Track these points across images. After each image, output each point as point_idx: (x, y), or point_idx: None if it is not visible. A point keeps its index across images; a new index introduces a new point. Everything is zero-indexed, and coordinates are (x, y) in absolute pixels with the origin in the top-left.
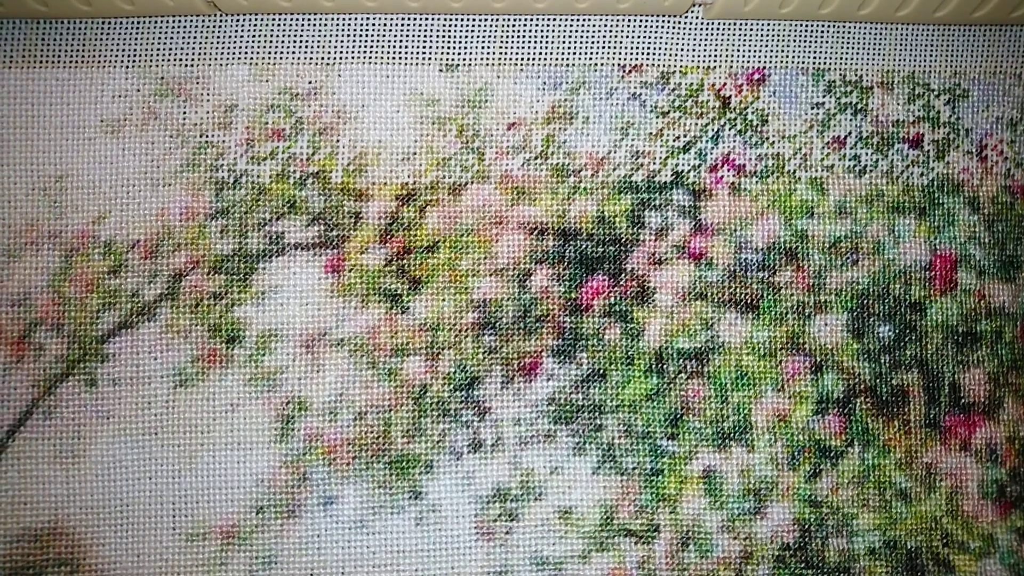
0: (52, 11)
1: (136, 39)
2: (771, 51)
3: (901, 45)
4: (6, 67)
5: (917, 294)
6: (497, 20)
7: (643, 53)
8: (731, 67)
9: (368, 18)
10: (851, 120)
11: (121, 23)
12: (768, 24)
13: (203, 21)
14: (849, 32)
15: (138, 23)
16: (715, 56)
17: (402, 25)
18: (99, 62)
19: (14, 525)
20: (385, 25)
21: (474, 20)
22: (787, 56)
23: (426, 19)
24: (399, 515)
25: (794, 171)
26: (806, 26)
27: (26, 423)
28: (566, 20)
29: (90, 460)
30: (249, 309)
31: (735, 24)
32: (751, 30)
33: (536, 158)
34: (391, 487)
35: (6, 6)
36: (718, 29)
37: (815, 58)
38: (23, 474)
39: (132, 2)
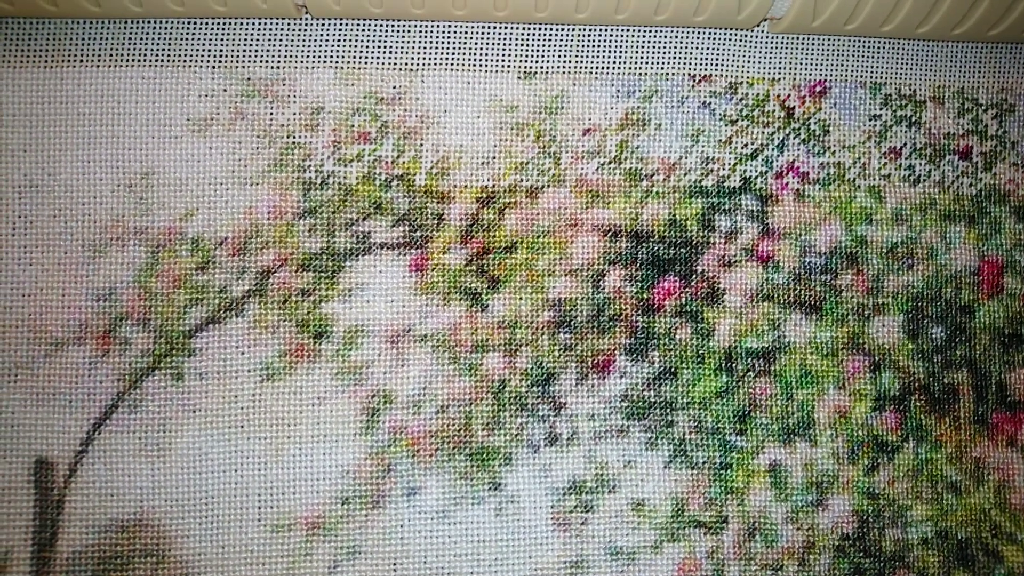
0: (146, 11)
1: (223, 40)
2: (832, 65)
3: (952, 62)
4: (94, 66)
5: (966, 298)
6: (573, 30)
7: (712, 64)
8: (795, 79)
9: (450, 26)
10: (906, 132)
11: (207, 24)
12: (829, 39)
13: (289, 24)
14: (904, 49)
15: (224, 24)
16: (780, 68)
17: (483, 33)
18: (186, 62)
19: (101, 516)
20: (467, 33)
21: (552, 30)
22: (846, 70)
23: (506, 28)
24: (479, 506)
25: (854, 179)
26: (864, 42)
27: (112, 416)
28: (639, 31)
29: (176, 453)
30: (336, 305)
31: (799, 39)
32: (814, 45)
33: (610, 163)
34: (472, 478)
35: (102, 7)
36: (783, 43)
37: (872, 73)
38: (109, 466)
39: (225, 3)
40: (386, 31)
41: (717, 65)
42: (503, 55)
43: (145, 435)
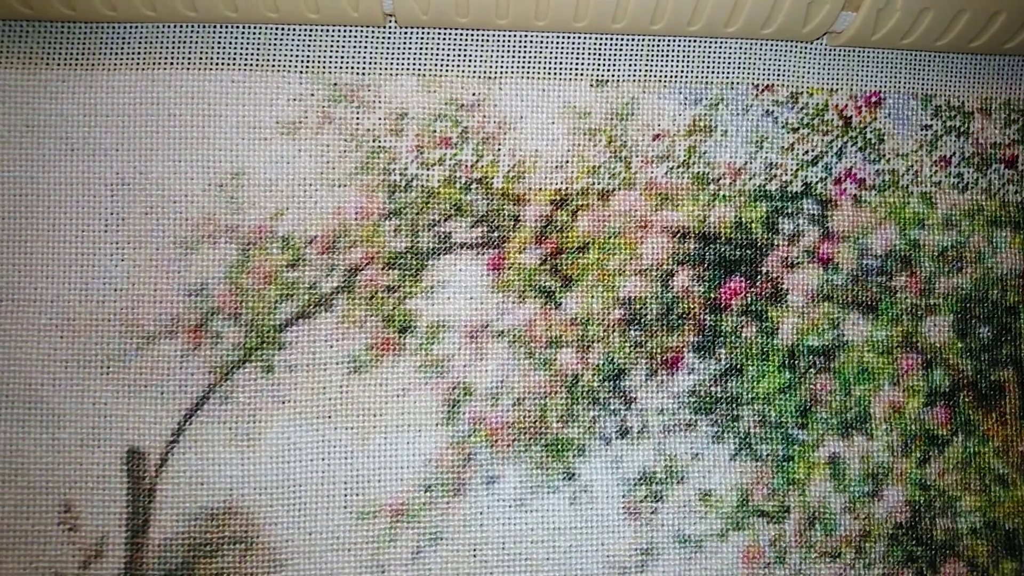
0: (241, 16)
1: (310, 46)
2: (886, 77)
3: (999, 75)
4: (185, 69)
5: (1012, 299)
6: (642, 40)
7: (775, 74)
8: (851, 90)
9: (527, 35)
10: (955, 141)
11: (295, 30)
12: (883, 52)
13: (374, 32)
14: (953, 62)
15: (311, 31)
16: (838, 79)
17: (557, 43)
18: (274, 66)
19: (192, 504)
20: (542, 43)
21: (623, 40)
22: (899, 82)
23: (579, 38)
24: (554, 494)
25: (907, 186)
26: (916, 55)
27: (203, 407)
28: (705, 42)
29: (265, 442)
30: (420, 302)
31: (854, 51)
32: (868, 57)
33: (679, 167)
34: (547, 468)
35: (199, 11)
36: (840, 55)
37: (924, 85)
38: (200, 455)
39: (317, 11)
40: (466, 40)
41: (779, 75)
42: (576, 64)
43: (235, 425)
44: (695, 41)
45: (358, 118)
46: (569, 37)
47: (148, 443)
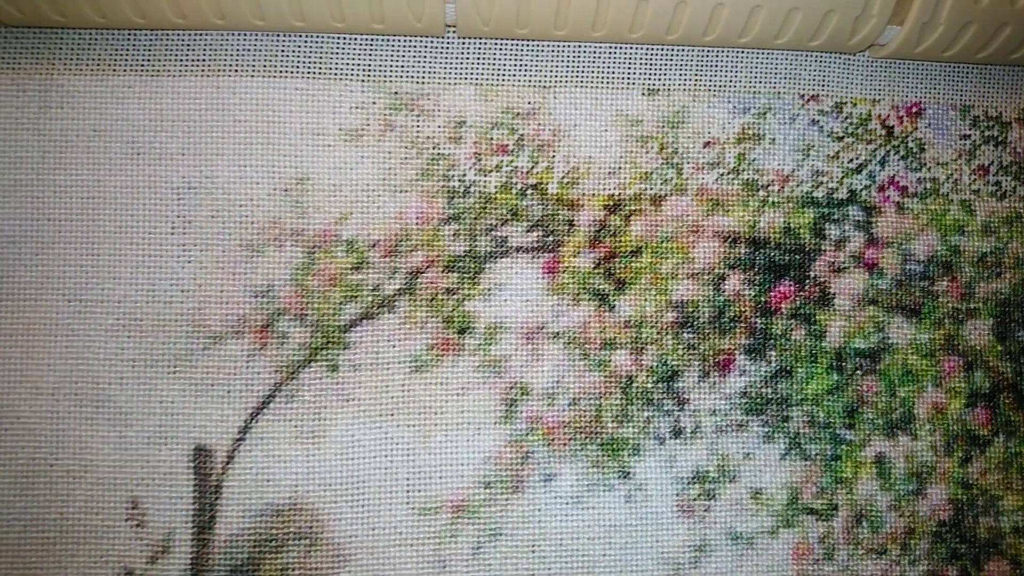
0: (308, 26)
1: (371, 55)
2: (926, 88)
3: None
4: (250, 76)
5: None
6: (693, 50)
7: (820, 84)
8: (893, 100)
9: (580, 46)
10: (993, 151)
11: (356, 39)
12: (923, 64)
13: (432, 42)
14: (991, 73)
15: (372, 40)
16: (879, 90)
17: (610, 53)
18: (337, 75)
19: (258, 500)
20: (595, 53)
21: (673, 50)
22: (939, 93)
23: (631, 48)
24: (610, 492)
25: (947, 194)
26: (955, 67)
27: (269, 406)
28: (752, 53)
29: (330, 440)
30: (478, 304)
31: (896, 63)
32: (909, 68)
33: (729, 173)
34: (603, 467)
35: (266, 20)
36: (882, 66)
37: (963, 95)
38: (266, 453)
39: (382, 21)
40: (522, 50)
41: (823, 86)
42: (628, 73)
43: (300, 423)
44: (742, 52)
45: (418, 126)
46: (621, 47)
47: (215, 441)
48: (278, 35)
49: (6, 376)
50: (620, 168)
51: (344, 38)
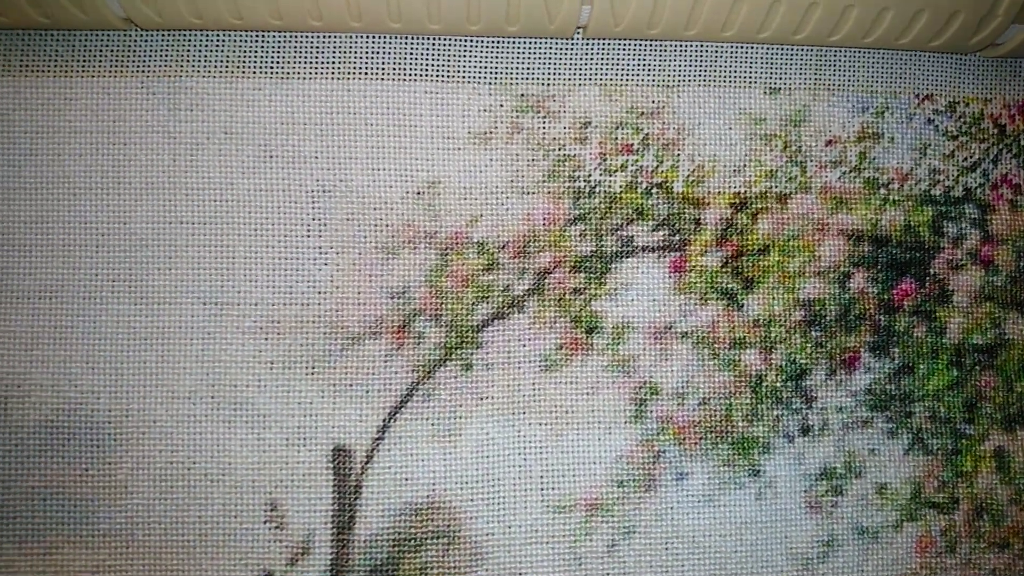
0: (443, 29)
1: (498, 58)
2: None
3: None
4: (379, 79)
5: None
6: (811, 50)
7: (934, 84)
8: (1004, 99)
9: (703, 45)
10: None
11: (483, 42)
12: None
13: (558, 44)
14: None
15: (498, 43)
16: (991, 89)
17: (732, 52)
18: (465, 78)
19: (396, 500)
20: (717, 52)
21: (793, 49)
22: None
23: (752, 47)
24: (740, 490)
25: None
26: None
27: (407, 405)
28: (870, 53)
29: (466, 438)
30: (605, 303)
31: (1006, 62)
32: (1021, 67)
33: (851, 172)
34: (734, 465)
35: (402, 23)
36: (992, 66)
37: None
38: (404, 452)
39: (517, 24)
40: (646, 50)
41: (937, 85)
42: (750, 72)
43: (437, 422)
44: (859, 52)
45: (544, 128)
46: (742, 47)
47: (354, 441)
48: (406, 38)
49: (142, 380)
50: (745, 166)
51: (471, 41)
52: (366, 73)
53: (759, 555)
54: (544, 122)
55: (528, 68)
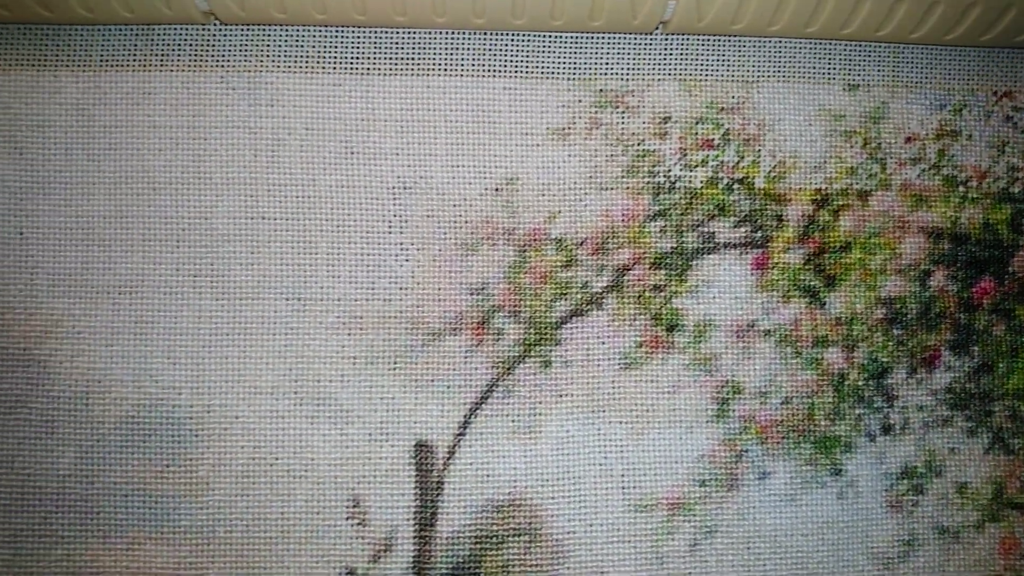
0: (527, 24)
1: (576, 53)
2: None
3: None
4: (458, 76)
5: None
6: (889, 47)
7: (1012, 81)
8: None
9: (780, 41)
10: None
11: (561, 37)
12: None
13: (636, 39)
14: None
15: (577, 39)
16: None
17: (810, 48)
18: (543, 74)
19: (478, 496)
20: (796, 48)
21: (871, 46)
22: None
23: (831, 44)
24: (822, 490)
25: None
26: None
27: (487, 401)
28: (947, 49)
29: (546, 436)
30: (686, 300)
31: None
32: None
33: (930, 169)
34: (816, 464)
35: (486, 18)
36: None
37: None
38: (486, 448)
39: (600, 19)
40: (724, 45)
41: (1016, 82)
42: (828, 69)
43: (517, 419)
44: (936, 48)
45: (623, 123)
46: (820, 43)
47: (435, 436)
48: (484, 33)
49: (224, 376)
50: (825, 162)
51: (550, 37)
52: (445, 69)
53: (840, 554)
54: (623, 117)
55: (606, 63)
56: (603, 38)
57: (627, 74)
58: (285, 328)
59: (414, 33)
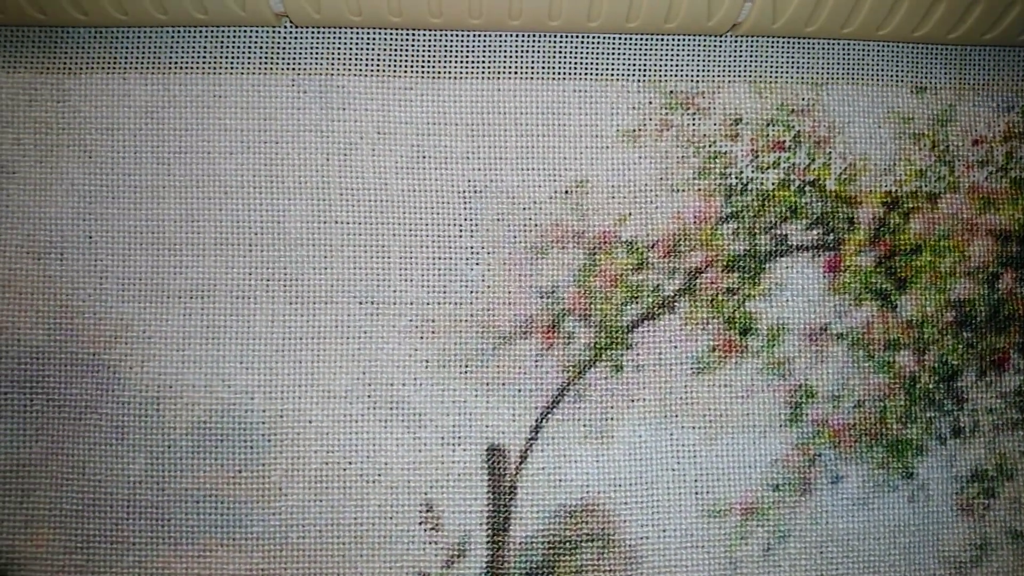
0: (601, 27)
1: (647, 55)
2: None
3: None
4: (528, 78)
5: None
6: (955, 49)
7: None
8: None
9: (849, 44)
10: None
11: (631, 39)
12: None
13: (704, 40)
14: None
15: (646, 40)
16: None
17: (877, 51)
18: (614, 75)
19: (551, 501)
20: (863, 50)
21: (936, 48)
22: None
23: (898, 46)
24: (894, 493)
25: None
26: None
27: (559, 405)
28: (1012, 51)
29: (618, 440)
30: (759, 304)
31: None
32: None
33: (998, 172)
34: (888, 468)
35: (562, 22)
36: None
37: None
38: (558, 453)
39: (675, 20)
40: (793, 47)
41: None
42: (896, 71)
43: (589, 423)
44: (1002, 50)
45: (694, 124)
46: (887, 45)
47: (508, 440)
48: (555, 36)
49: (298, 379)
50: (895, 165)
51: (619, 39)
52: (515, 72)
53: (912, 558)
54: (694, 119)
55: (677, 64)
56: (672, 39)
57: (697, 76)
58: (358, 332)
59: (485, 36)
